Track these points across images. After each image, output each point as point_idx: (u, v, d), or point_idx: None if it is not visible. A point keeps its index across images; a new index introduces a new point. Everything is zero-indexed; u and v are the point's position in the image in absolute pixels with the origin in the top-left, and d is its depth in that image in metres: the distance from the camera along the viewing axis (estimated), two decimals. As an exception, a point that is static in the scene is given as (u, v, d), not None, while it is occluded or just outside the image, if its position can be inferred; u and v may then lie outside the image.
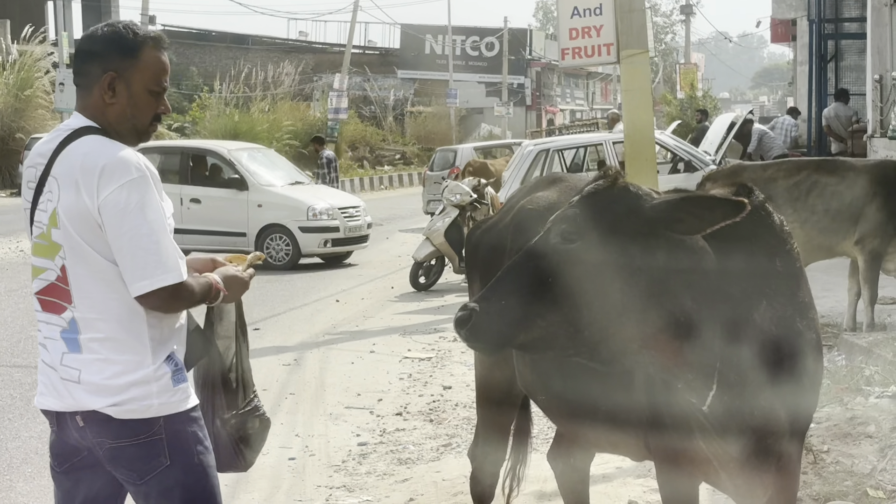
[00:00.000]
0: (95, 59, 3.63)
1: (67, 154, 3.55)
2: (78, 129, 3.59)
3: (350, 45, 48.51)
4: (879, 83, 18.08)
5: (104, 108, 3.61)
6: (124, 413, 3.50)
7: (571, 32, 12.99)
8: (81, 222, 3.50)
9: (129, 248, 3.46)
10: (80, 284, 3.56)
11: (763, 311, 3.78)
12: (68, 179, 3.51)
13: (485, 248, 5.22)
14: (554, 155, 17.11)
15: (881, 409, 7.36)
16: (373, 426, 8.60)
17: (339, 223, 18.86)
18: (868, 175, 10.25)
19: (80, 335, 3.56)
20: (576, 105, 72.66)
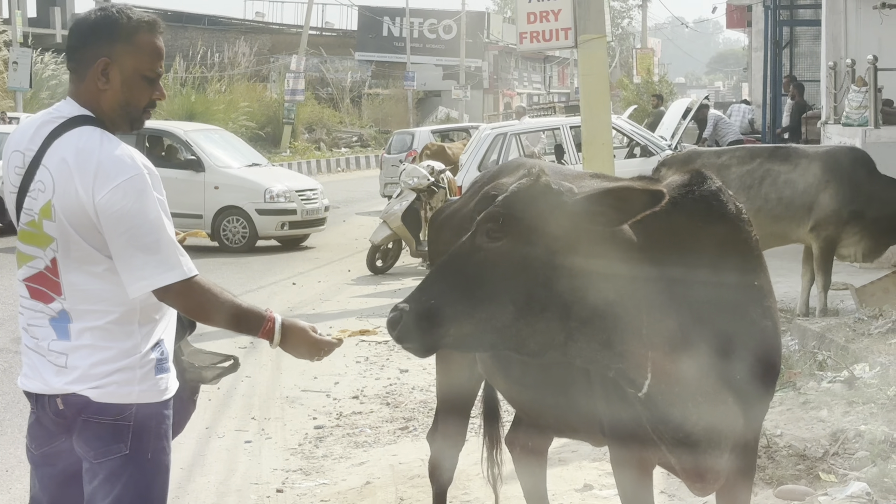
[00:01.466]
0: (88, 44, 3.55)
1: (61, 145, 3.48)
2: (72, 119, 3.53)
3: (307, 26, 48.27)
4: (833, 70, 18.20)
5: (98, 95, 3.55)
6: (104, 396, 3.51)
7: (529, 16, 13.02)
8: (78, 218, 3.45)
9: (128, 248, 3.44)
10: (70, 278, 3.54)
11: (711, 299, 3.80)
12: (63, 174, 3.45)
13: (448, 232, 5.22)
14: (511, 139, 17.14)
15: (833, 394, 7.45)
16: (329, 409, 8.61)
17: (296, 206, 18.79)
18: (820, 162, 10.34)
19: (70, 324, 3.55)
20: (533, 89, 72.73)
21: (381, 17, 59.76)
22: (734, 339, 3.84)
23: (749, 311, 3.92)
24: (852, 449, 6.38)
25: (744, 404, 3.91)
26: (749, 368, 3.89)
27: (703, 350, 3.77)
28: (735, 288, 3.88)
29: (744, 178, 10.23)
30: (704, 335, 3.77)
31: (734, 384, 3.85)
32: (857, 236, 10.32)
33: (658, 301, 3.66)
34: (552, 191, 3.63)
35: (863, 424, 6.66)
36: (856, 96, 16.07)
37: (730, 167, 10.27)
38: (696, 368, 3.76)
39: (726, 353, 3.82)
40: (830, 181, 10.23)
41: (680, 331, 3.71)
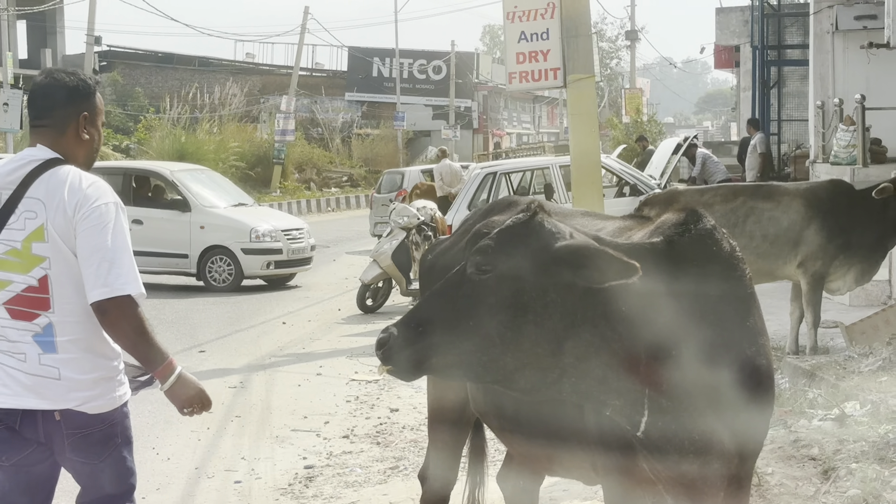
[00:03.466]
0: (67, 103, 4.18)
1: (48, 180, 4.06)
2: (50, 160, 4.11)
3: (297, 66, 48.44)
4: (821, 109, 18.32)
5: (78, 142, 4.19)
6: (97, 408, 4.07)
7: (518, 57, 13.07)
8: (68, 238, 4.01)
9: (93, 258, 3.98)
10: (62, 291, 4.03)
11: (706, 336, 3.80)
12: (55, 201, 4.02)
13: (439, 270, 5.22)
14: (501, 178, 17.18)
15: (824, 432, 7.44)
16: (319, 449, 8.57)
17: (282, 245, 18.79)
18: (802, 198, 10.37)
19: (55, 338, 4.04)
20: (522, 129, 72.97)
21: (371, 57, 60.00)
22: (730, 377, 3.84)
23: (744, 350, 3.92)
24: (843, 487, 6.36)
25: (739, 442, 3.91)
26: (744, 406, 3.89)
27: (701, 388, 3.77)
28: (731, 326, 3.88)
29: (728, 215, 10.25)
30: (701, 373, 3.77)
31: (729, 423, 3.85)
32: (844, 267, 10.34)
33: (656, 339, 3.67)
34: (544, 230, 3.65)
35: (854, 462, 6.66)
36: (844, 135, 16.16)
37: (713, 205, 10.29)
38: (693, 406, 3.76)
39: (722, 392, 3.82)
40: (814, 217, 10.27)
41: (677, 368, 3.71)
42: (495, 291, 3.60)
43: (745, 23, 30.30)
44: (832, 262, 10.28)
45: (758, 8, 26.54)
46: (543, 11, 12.89)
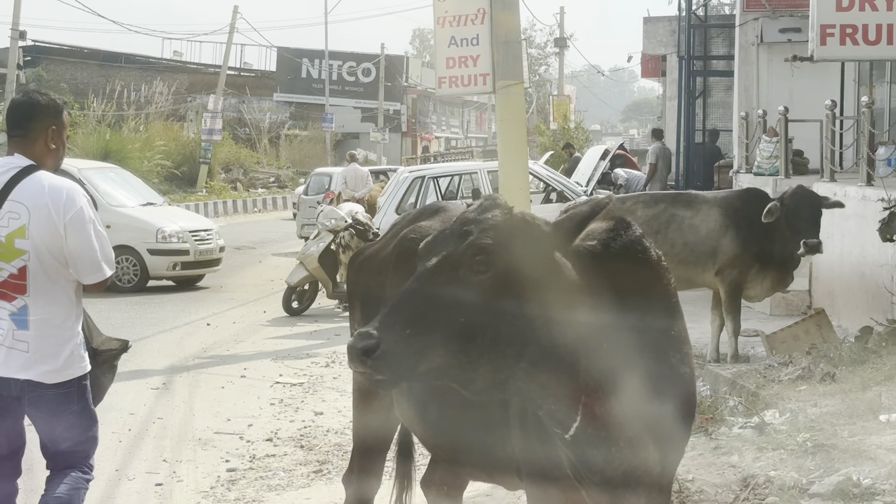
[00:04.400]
0: (39, 118, 5.04)
1: (28, 185, 4.92)
2: (28, 167, 4.97)
3: (225, 66, 48.09)
4: (745, 120, 18.58)
5: (47, 151, 5.05)
6: (58, 378, 4.94)
7: (448, 61, 13.09)
8: (49, 234, 4.88)
9: (86, 251, 4.95)
10: (36, 279, 4.90)
11: (636, 344, 3.85)
12: (37, 203, 4.88)
13: (366, 275, 5.23)
14: (429, 182, 17.21)
15: (744, 440, 7.54)
16: (242, 452, 8.52)
17: (189, 246, 18.62)
18: (719, 207, 10.52)
19: (28, 317, 4.91)
20: (451, 133, 73.11)
21: (300, 58, 59.75)
22: (657, 384, 3.89)
23: (669, 357, 3.98)
24: (762, 494, 6.45)
25: (662, 449, 3.96)
26: (669, 414, 3.94)
27: (629, 395, 3.81)
28: (658, 333, 3.93)
29: (650, 222, 10.37)
30: (631, 380, 3.81)
31: (655, 429, 3.89)
32: (761, 275, 10.49)
33: (590, 345, 3.70)
34: (530, 223, 3.66)
35: (773, 470, 6.75)
36: (767, 146, 16.42)
37: (635, 212, 10.39)
38: (622, 412, 3.79)
39: (649, 399, 3.86)
40: (730, 226, 10.41)
41: (609, 375, 3.75)
42: (491, 290, 3.53)
43: (672, 33, 30.62)
44: (748, 270, 10.43)
45: (684, 18, 26.81)
46: (474, 17, 12.93)
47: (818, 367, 9.12)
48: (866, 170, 12.30)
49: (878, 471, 6.37)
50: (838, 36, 10.70)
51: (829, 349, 9.67)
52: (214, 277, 19.60)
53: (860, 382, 8.39)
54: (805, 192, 10.33)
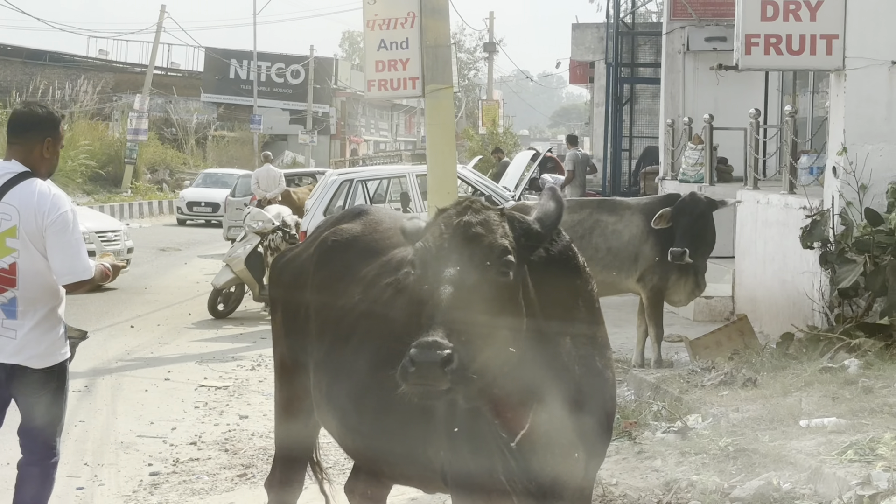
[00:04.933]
0: (36, 129, 5.58)
1: (20, 191, 5.47)
2: (22, 173, 5.52)
3: (152, 65, 47.64)
4: (671, 127, 18.75)
5: (41, 159, 5.59)
6: (43, 363, 5.55)
7: (378, 65, 13.10)
8: (35, 235, 5.45)
9: (63, 253, 5.46)
10: (25, 275, 5.48)
11: (568, 350, 3.88)
12: (27, 208, 5.43)
13: (288, 277, 5.23)
14: (357, 185, 17.17)
15: (667, 444, 7.61)
16: (165, 455, 8.44)
17: (95, 247, 18.35)
18: (641, 214, 10.62)
19: (17, 308, 5.50)
20: (380, 136, 73.02)
21: (229, 59, 59.32)
22: (586, 389, 3.94)
23: (596, 363, 4.02)
24: (685, 498, 6.52)
25: (588, 453, 4.00)
26: (596, 419, 3.99)
27: (564, 400, 3.85)
28: (586, 339, 3.98)
29: (575, 227, 10.44)
30: (566, 386, 3.86)
31: (583, 433, 3.94)
32: (682, 281, 10.60)
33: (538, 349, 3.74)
34: (524, 221, 3.79)
35: (695, 474, 6.82)
36: (692, 153, 16.58)
37: (560, 217, 10.45)
38: (558, 418, 3.83)
39: (581, 404, 3.90)
40: (651, 232, 10.51)
41: (549, 380, 3.79)
42: (514, 290, 3.64)
43: (600, 39, 30.85)
44: (669, 276, 10.52)
45: (612, 26, 27.04)
46: (404, 21, 12.95)
47: (740, 372, 9.24)
48: (789, 178, 12.47)
49: (798, 475, 6.47)
50: (763, 45, 10.83)
51: (750, 355, 9.80)
52: (139, 279, 19.39)
53: (781, 388, 8.51)
54: (690, 201, 10.47)
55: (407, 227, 3.95)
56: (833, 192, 10.82)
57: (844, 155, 10.70)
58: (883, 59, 10.74)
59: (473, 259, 3.60)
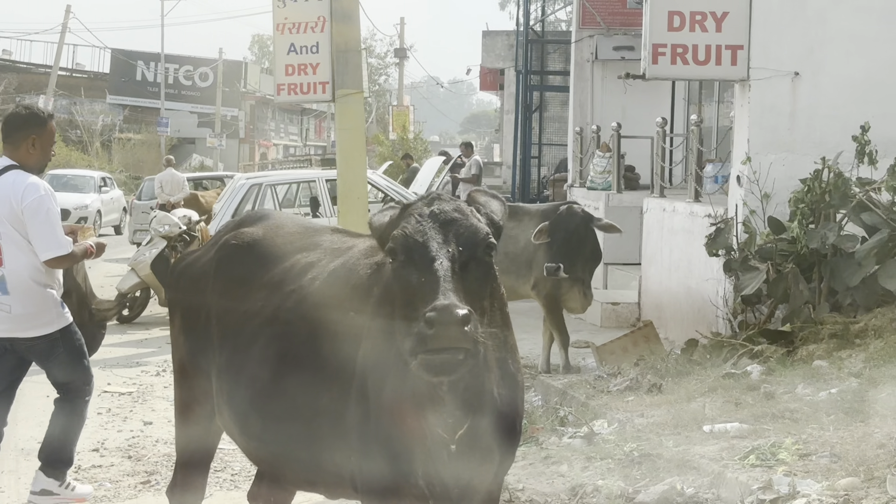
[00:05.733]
0: (22, 128, 6.50)
1: (3, 180, 6.39)
2: (7, 167, 6.47)
3: (56, 66, 46.97)
4: (580, 135, 18.92)
5: (28, 156, 6.52)
6: (40, 331, 6.39)
7: (288, 68, 13.04)
8: (13, 220, 6.35)
9: (39, 233, 6.32)
10: (10, 254, 6.35)
11: (489, 351, 3.92)
12: (5, 195, 6.35)
13: (187, 281, 5.16)
14: (266, 189, 17.06)
15: (574, 449, 7.66)
16: (68, 462, 8.28)
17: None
18: (537, 220, 10.65)
19: (6, 284, 6.35)
20: (290, 140, 72.63)
21: (135, 60, 58.61)
22: (502, 392, 3.97)
23: (509, 366, 4.06)
24: (590, 503, 6.57)
25: (501, 456, 4.04)
26: (509, 422, 4.03)
27: (486, 402, 3.90)
28: (499, 343, 4.01)
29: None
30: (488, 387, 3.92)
31: (498, 436, 3.98)
32: (575, 288, 10.63)
33: None
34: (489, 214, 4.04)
35: (600, 479, 6.88)
36: (600, 161, 16.74)
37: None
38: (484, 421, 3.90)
39: (497, 406, 3.94)
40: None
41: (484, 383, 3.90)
42: (493, 275, 3.87)
43: (510, 47, 31.05)
44: (561, 283, 10.53)
45: (522, 33, 27.20)
46: (314, 25, 12.90)
47: (645, 378, 9.33)
48: (694, 186, 12.65)
49: (701, 480, 6.55)
50: (669, 55, 10.97)
51: (656, 361, 9.90)
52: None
53: (685, 394, 8.62)
54: (566, 215, 10.42)
55: (374, 221, 4.00)
56: (737, 201, 10.99)
57: (748, 164, 10.88)
58: (786, 69, 10.94)
59: (461, 239, 3.69)
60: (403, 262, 3.70)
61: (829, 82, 11.02)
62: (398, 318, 3.70)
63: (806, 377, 8.41)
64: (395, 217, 3.89)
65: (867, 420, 7.11)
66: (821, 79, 11.03)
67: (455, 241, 3.68)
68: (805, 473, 6.31)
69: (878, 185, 9.98)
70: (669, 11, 10.92)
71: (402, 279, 3.69)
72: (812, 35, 11.04)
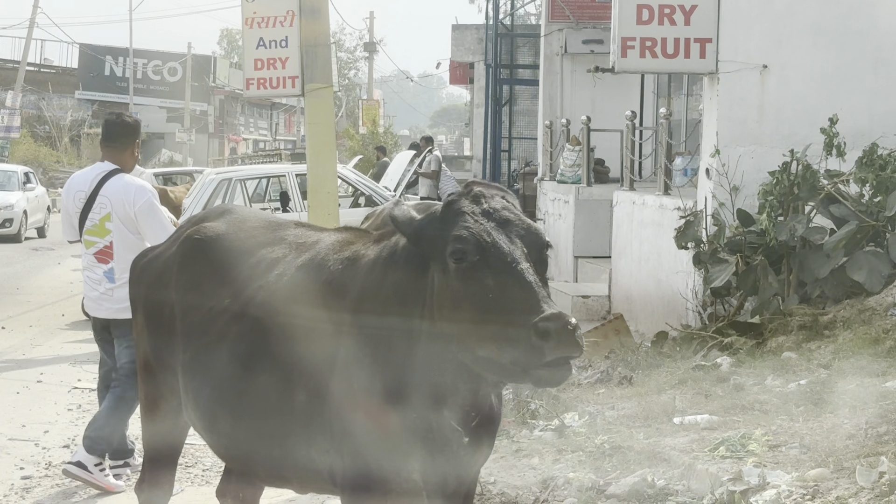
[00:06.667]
0: (130, 135, 7.45)
1: (114, 183, 7.27)
2: (113, 170, 7.32)
3: (24, 61, 46.65)
4: (549, 129, 18.96)
5: (131, 158, 7.46)
6: (127, 314, 6.22)
7: (257, 63, 13.01)
8: (126, 220, 7.24)
9: (152, 230, 7.15)
10: (119, 251, 7.23)
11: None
12: (118, 198, 7.22)
13: (150, 276, 5.11)
14: (236, 184, 17.00)
15: (545, 442, 7.68)
16: (38, 459, 8.25)
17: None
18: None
19: (115, 275, 7.24)
20: (259, 135, 72.43)
21: (104, 55, 58.31)
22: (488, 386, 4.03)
23: None
24: (561, 496, 6.58)
25: (487, 448, 4.17)
26: (496, 414, 4.14)
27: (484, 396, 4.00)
28: None
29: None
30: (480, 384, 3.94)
31: (489, 428, 4.08)
32: None
33: None
34: None
35: (571, 472, 6.89)
36: (570, 155, 16.79)
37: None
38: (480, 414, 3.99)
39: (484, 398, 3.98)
40: None
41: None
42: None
43: (480, 41, 31.05)
44: None
45: (492, 27, 27.23)
46: (283, 19, 12.87)
47: (616, 370, 9.37)
48: (664, 179, 12.70)
49: (672, 472, 6.57)
50: (638, 48, 11.00)
51: (626, 353, 9.94)
52: (10, 279, 18.94)
53: (656, 386, 8.65)
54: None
55: (398, 214, 3.88)
56: (706, 194, 11.05)
57: (717, 157, 10.93)
58: (755, 62, 11.00)
59: (525, 240, 3.68)
60: (476, 264, 3.62)
61: (797, 75, 11.09)
62: (462, 321, 3.63)
63: (775, 369, 8.47)
64: (437, 214, 3.81)
65: (836, 411, 7.16)
66: (789, 72, 11.10)
67: (530, 243, 3.68)
68: (775, 465, 6.35)
69: (846, 178, 10.06)
70: (638, 5, 10.96)
71: (475, 282, 3.60)
72: (780, 28, 11.10)
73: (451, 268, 3.67)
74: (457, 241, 3.65)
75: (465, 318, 3.63)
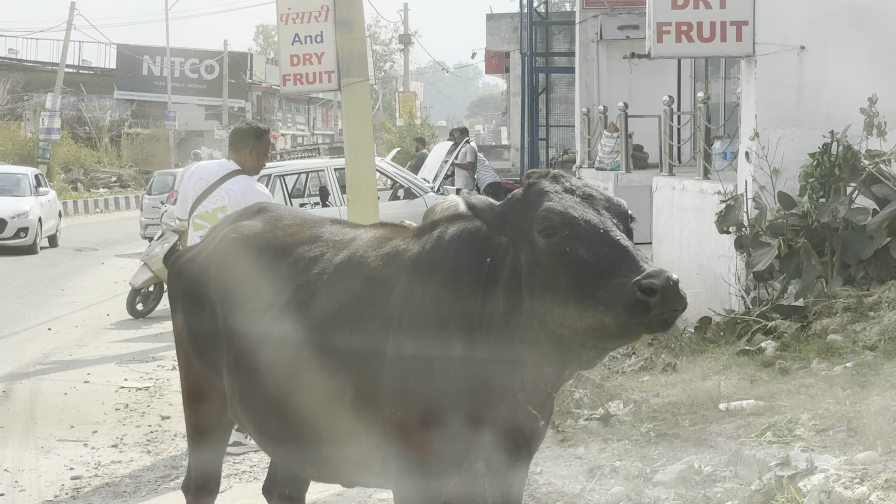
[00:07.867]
0: (243, 140, 8.07)
1: (234, 181, 7.93)
2: (237, 170, 8.00)
3: (63, 63, 46.99)
4: (587, 116, 18.90)
5: (247, 160, 8.05)
6: None
7: (293, 59, 13.04)
8: None
9: None
10: None
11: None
12: (236, 195, 7.75)
13: (187, 276, 5.13)
14: (276, 180, 17.06)
15: (590, 432, 7.68)
16: (87, 459, 8.33)
17: None
18: None
19: None
20: (297, 130, 72.64)
21: (141, 55, 58.66)
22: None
23: None
24: (608, 485, 6.58)
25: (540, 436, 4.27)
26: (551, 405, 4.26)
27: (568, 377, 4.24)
28: None
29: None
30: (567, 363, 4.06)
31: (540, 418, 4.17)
32: None
33: None
34: None
35: (618, 460, 6.89)
36: (608, 141, 16.72)
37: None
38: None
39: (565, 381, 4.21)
40: None
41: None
42: None
43: (515, 30, 31.00)
44: None
45: (526, 16, 27.16)
46: (318, 14, 12.90)
47: (660, 357, 9.34)
48: (703, 164, 12.63)
49: (719, 458, 6.56)
50: (674, 33, 10.94)
51: (670, 340, 9.89)
52: (55, 280, 19.11)
53: (700, 372, 8.62)
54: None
55: (476, 202, 3.95)
56: (746, 177, 10.98)
57: (756, 140, 10.86)
58: (792, 44, 10.90)
59: (610, 212, 3.77)
60: (567, 237, 3.68)
61: (834, 55, 10.99)
62: (559, 294, 3.68)
63: (820, 352, 8.41)
64: (519, 197, 3.89)
65: (883, 393, 7.11)
66: (827, 52, 11.00)
67: (617, 216, 3.77)
68: (822, 448, 6.32)
69: (887, 157, 9.97)
70: (673, -11, 10.89)
71: (570, 254, 3.66)
72: (817, 8, 11.01)
73: (540, 245, 3.71)
74: (545, 219, 3.72)
75: (561, 291, 3.67)
